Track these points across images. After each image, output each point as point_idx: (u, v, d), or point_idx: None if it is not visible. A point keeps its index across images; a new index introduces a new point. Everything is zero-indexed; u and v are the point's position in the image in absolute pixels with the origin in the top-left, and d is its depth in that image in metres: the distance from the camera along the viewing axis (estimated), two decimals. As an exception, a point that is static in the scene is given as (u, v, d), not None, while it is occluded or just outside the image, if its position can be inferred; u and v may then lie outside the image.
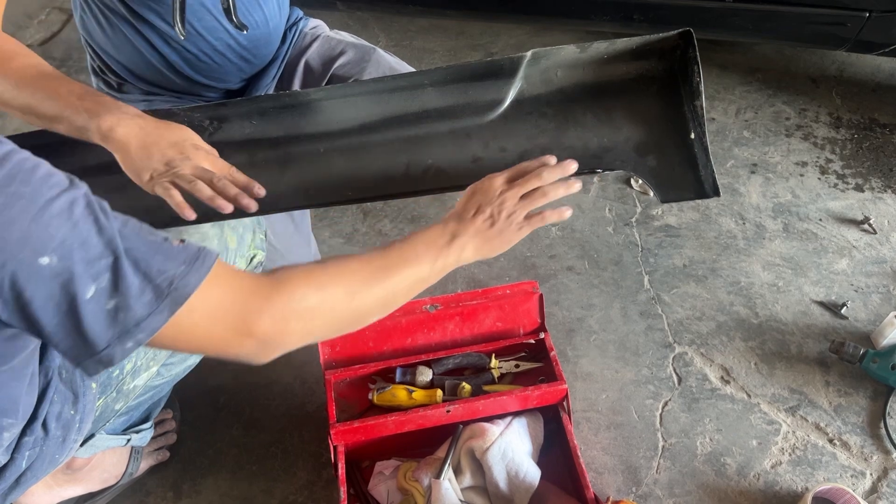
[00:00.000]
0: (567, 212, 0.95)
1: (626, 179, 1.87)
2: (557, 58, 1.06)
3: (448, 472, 1.19)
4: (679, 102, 1.06)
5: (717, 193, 1.03)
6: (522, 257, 1.69)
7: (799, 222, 1.74)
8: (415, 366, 1.29)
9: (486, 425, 1.23)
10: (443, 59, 2.33)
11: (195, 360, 1.22)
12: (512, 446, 1.21)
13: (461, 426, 1.26)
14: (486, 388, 1.27)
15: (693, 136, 1.05)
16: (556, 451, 1.28)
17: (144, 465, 1.33)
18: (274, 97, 1.12)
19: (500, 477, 1.19)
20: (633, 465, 1.33)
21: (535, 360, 1.31)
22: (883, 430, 1.35)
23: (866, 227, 1.70)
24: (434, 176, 1.09)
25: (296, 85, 1.38)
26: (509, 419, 1.26)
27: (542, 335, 1.33)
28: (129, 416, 1.21)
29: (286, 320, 0.74)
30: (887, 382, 1.39)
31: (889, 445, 1.33)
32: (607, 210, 1.80)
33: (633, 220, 1.77)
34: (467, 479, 1.22)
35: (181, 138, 0.98)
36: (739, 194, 1.81)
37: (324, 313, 0.79)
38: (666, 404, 1.42)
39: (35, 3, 2.70)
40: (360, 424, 1.19)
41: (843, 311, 1.53)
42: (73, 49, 2.48)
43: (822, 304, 1.56)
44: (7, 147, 0.61)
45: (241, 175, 1.00)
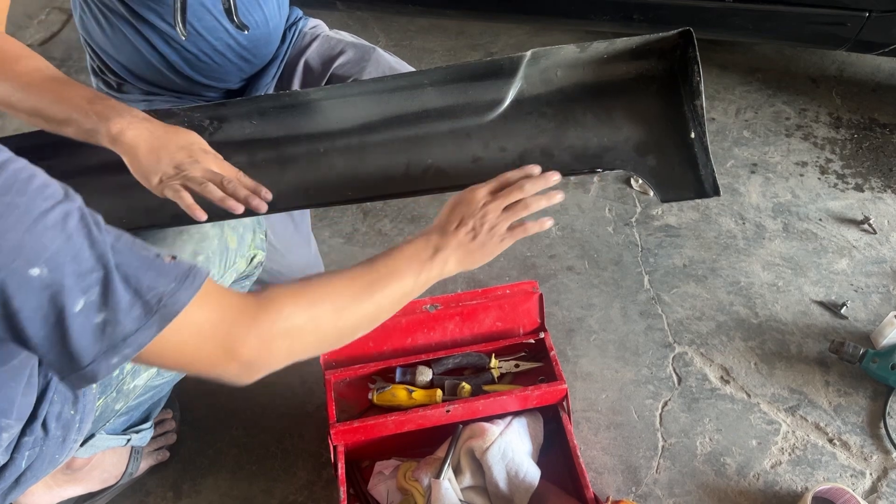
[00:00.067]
0: (548, 222, 0.96)
1: (626, 179, 1.87)
2: (557, 57, 1.06)
3: (448, 472, 1.19)
4: (679, 102, 1.06)
5: (717, 193, 1.02)
6: (522, 257, 1.69)
7: (799, 222, 1.74)
8: (415, 366, 1.29)
9: (486, 425, 1.24)
10: (443, 58, 2.33)
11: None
12: (512, 446, 1.21)
13: (461, 426, 1.26)
14: (486, 387, 1.27)
15: (693, 135, 1.05)
16: (555, 450, 1.28)
17: (144, 465, 1.33)
18: (274, 97, 1.12)
19: (499, 477, 1.19)
20: (632, 465, 1.33)
21: (535, 360, 1.32)
22: (883, 430, 1.35)
23: (866, 227, 1.70)
24: (434, 176, 1.09)
25: (295, 84, 1.38)
26: (509, 419, 1.26)
27: (541, 335, 1.33)
28: (129, 416, 1.21)
29: (272, 339, 0.75)
30: (887, 382, 1.39)
31: (889, 445, 1.33)
32: (607, 210, 1.80)
33: (633, 219, 1.77)
34: (467, 479, 1.22)
35: (189, 142, 0.98)
36: (739, 194, 1.81)
37: (310, 332, 0.79)
38: (666, 404, 1.42)
39: (35, 3, 2.70)
40: (360, 424, 1.19)
41: (842, 311, 1.53)
42: (73, 49, 2.48)
43: (821, 303, 1.56)
44: (4, 155, 0.61)
45: (248, 179, 1.00)
